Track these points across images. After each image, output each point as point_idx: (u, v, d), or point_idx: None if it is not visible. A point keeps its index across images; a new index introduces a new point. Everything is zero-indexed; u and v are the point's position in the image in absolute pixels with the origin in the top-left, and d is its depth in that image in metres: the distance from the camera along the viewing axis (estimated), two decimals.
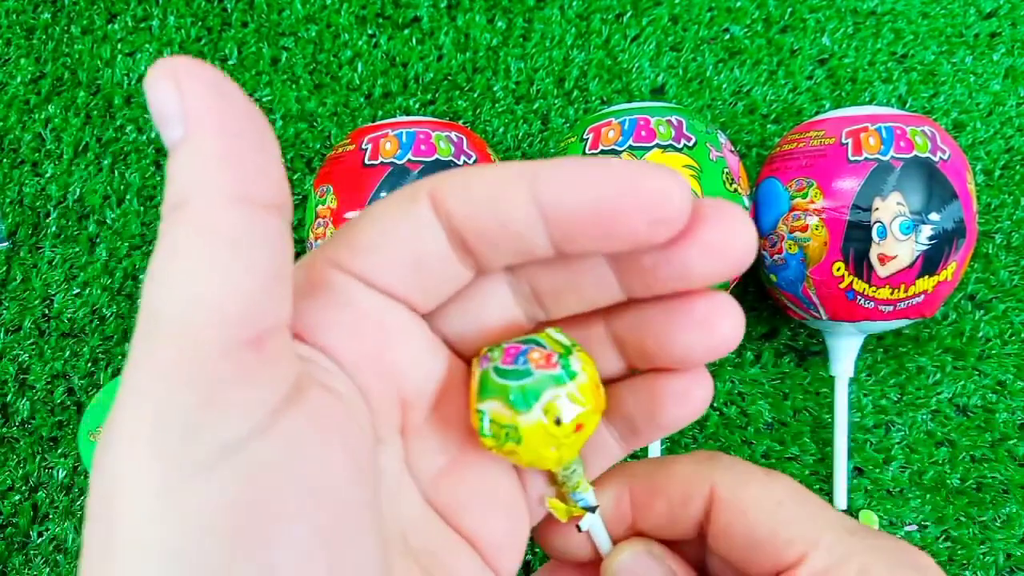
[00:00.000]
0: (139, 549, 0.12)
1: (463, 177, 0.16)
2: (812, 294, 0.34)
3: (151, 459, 0.12)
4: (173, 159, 0.13)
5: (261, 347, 0.13)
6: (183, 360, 0.12)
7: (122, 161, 0.41)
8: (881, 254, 0.32)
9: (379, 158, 0.32)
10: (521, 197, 0.15)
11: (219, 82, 0.13)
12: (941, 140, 0.33)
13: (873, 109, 0.34)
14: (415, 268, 0.16)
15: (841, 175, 0.33)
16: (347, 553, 0.13)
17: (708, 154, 0.33)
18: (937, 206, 0.32)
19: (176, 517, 0.12)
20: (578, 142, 0.34)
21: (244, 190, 0.13)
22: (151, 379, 0.12)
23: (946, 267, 0.33)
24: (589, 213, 0.15)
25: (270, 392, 0.13)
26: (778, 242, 0.34)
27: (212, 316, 0.12)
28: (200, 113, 0.12)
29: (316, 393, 0.14)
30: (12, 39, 0.43)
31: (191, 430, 0.12)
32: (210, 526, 0.12)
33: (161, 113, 0.12)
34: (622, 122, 0.33)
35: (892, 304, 0.33)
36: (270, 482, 0.12)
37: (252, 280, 0.12)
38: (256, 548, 0.12)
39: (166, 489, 0.12)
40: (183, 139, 0.12)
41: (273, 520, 0.12)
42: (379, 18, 0.43)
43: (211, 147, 0.12)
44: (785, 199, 0.34)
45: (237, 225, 0.12)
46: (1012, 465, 0.39)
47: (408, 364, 0.17)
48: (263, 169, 0.13)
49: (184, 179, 0.12)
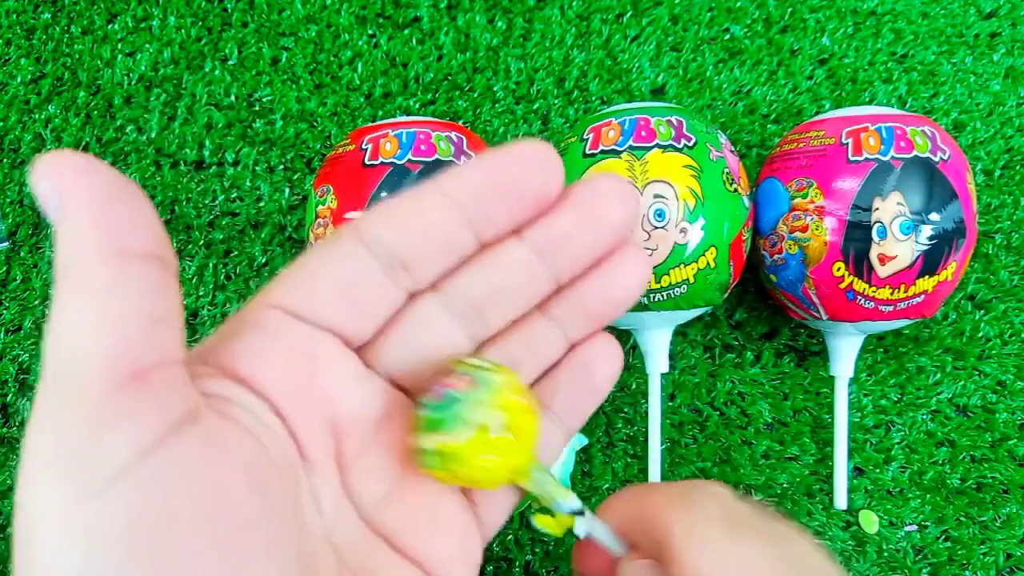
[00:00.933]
0: (52, 568, 0.13)
1: (382, 207, 0.18)
2: (812, 294, 0.34)
3: (54, 488, 0.13)
4: (58, 238, 0.14)
5: (146, 381, 0.14)
6: (71, 404, 0.14)
7: (122, 161, 0.41)
8: (881, 254, 0.32)
9: (379, 158, 0.32)
10: (435, 200, 0.18)
11: (88, 164, 0.14)
12: (941, 140, 0.33)
13: (873, 109, 0.34)
14: (345, 293, 0.18)
15: (841, 175, 0.33)
16: (247, 563, 0.15)
17: (708, 154, 0.33)
18: (937, 206, 0.32)
19: (80, 537, 0.13)
20: (578, 142, 0.34)
21: (116, 246, 0.14)
22: (49, 423, 0.14)
23: (946, 267, 0.33)
24: (493, 188, 0.18)
25: (156, 421, 0.14)
26: (778, 242, 0.34)
27: (92, 361, 0.14)
28: (73, 193, 0.14)
29: (213, 420, 0.15)
30: (12, 39, 0.43)
31: (83, 461, 0.13)
32: (110, 542, 0.13)
33: (46, 205, 0.14)
34: (622, 122, 0.33)
35: (892, 304, 0.33)
36: (159, 501, 0.14)
37: (128, 324, 0.14)
38: (152, 559, 0.13)
39: (68, 513, 0.13)
40: (62, 219, 0.14)
41: (166, 533, 0.14)
42: (379, 18, 0.43)
43: (83, 217, 0.14)
44: (785, 199, 0.34)
45: (109, 277, 0.14)
46: (1012, 465, 0.39)
47: (338, 391, 0.18)
48: (134, 225, 0.15)
49: (65, 250, 0.14)
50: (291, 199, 0.41)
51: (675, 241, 0.32)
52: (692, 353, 0.39)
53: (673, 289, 0.33)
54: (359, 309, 0.18)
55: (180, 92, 0.42)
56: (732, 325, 0.40)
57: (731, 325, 0.40)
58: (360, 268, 0.18)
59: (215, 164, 0.41)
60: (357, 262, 0.18)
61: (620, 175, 0.21)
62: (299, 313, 0.18)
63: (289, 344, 0.17)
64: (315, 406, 0.18)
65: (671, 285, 0.32)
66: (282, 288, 0.18)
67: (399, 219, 0.18)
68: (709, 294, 0.34)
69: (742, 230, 0.34)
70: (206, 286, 0.40)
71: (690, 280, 0.33)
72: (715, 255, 0.33)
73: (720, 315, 0.40)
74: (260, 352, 0.17)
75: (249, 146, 0.41)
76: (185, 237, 0.40)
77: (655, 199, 0.32)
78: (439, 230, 0.18)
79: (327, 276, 0.18)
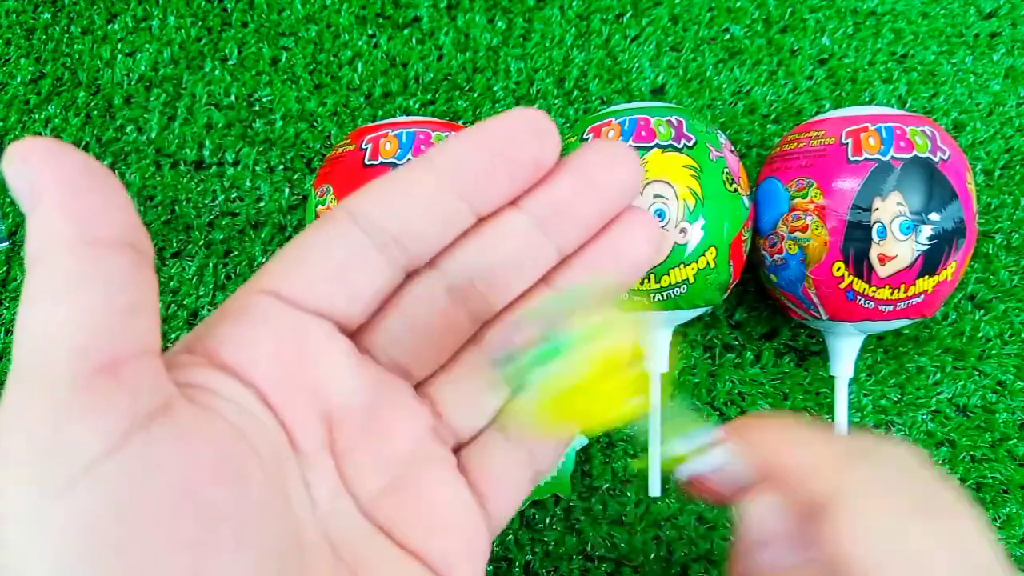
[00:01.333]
0: (26, 567, 0.13)
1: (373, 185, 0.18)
2: (812, 294, 0.34)
3: (25, 485, 0.13)
4: (27, 226, 0.14)
5: (115, 373, 0.14)
6: (37, 396, 0.13)
7: (122, 161, 0.41)
8: (881, 254, 0.32)
9: (379, 158, 0.32)
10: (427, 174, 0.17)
11: (57, 149, 0.14)
12: (941, 140, 0.33)
13: (873, 109, 0.34)
14: (338, 276, 0.17)
15: (841, 175, 0.33)
16: (219, 555, 0.14)
17: (708, 154, 0.33)
18: (937, 206, 0.32)
19: (53, 533, 0.13)
20: (578, 142, 0.34)
21: (87, 234, 0.14)
22: (15, 419, 0.13)
23: (946, 267, 0.33)
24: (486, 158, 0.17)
25: (125, 414, 0.14)
26: (778, 242, 0.34)
27: (59, 352, 0.13)
28: (43, 180, 0.14)
29: (186, 412, 0.15)
30: (12, 39, 0.43)
31: (50, 456, 0.13)
32: (80, 541, 0.13)
33: (17, 192, 0.14)
34: (622, 122, 0.33)
35: (892, 304, 0.33)
36: (126, 497, 0.13)
37: (98, 314, 0.14)
38: (122, 557, 0.13)
39: (39, 510, 0.13)
40: (33, 206, 0.14)
41: (133, 530, 0.13)
42: (379, 18, 0.43)
43: (52, 204, 0.14)
44: (785, 199, 0.34)
45: (78, 266, 0.14)
46: (1012, 465, 0.39)
47: (331, 380, 0.17)
48: (106, 212, 0.14)
49: (34, 238, 0.14)
50: (291, 199, 0.41)
51: (675, 241, 0.32)
52: (692, 353, 0.39)
53: (673, 289, 0.33)
54: (353, 291, 0.18)
55: (180, 92, 0.42)
56: (732, 325, 0.40)
57: (731, 325, 0.40)
58: (353, 248, 0.17)
59: (215, 164, 0.41)
60: (349, 242, 0.17)
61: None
62: (290, 298, 0.17)
63: (278, 330, 0.17)
64: (306, 394, 0.17)
65: (671, 285, 0.32)
66: (272, 272, 0.17)
67: (391, 196, 0.17)
68: (709, 294, 0.34)
69: (742, 230, 0.34)
70: (206, 286, 0.40)
71: (690, 280, 0.33)
72: (715, 255, 0.33)
73: (720, 315, 0.40)
74: (247, 339, 0.17)
75: (249, 146, 0.41)
76: (185, 237, 0.40)
77: (655, 199, 0.32)
78: (433, 205, 0.18)
79: (319, 258, 0.17)
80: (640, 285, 0.32)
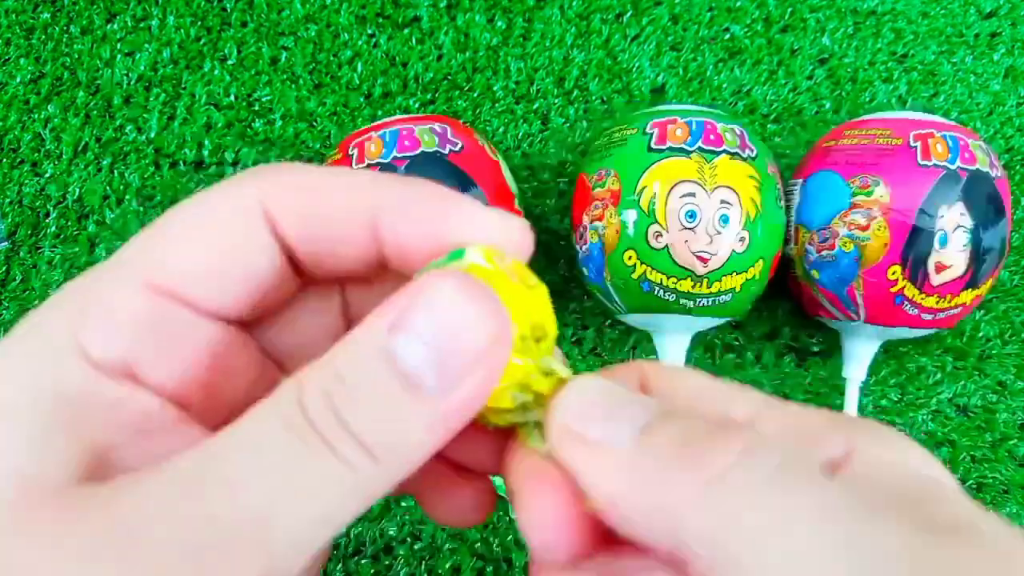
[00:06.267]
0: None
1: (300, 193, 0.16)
2: (858, 295, 0.33)
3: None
4: None
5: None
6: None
7: (121, 161, 0.41)
8: (939, 262, 0.32)
9: (365, 160, 0.33)
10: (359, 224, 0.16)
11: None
12: (994, 158, 0.33)
13: (931, 117, 0.34)
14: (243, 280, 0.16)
15: (911, 178, 0.32)
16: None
17: (767, 167, 0.33)
18: (992, 221, 0.32)
19: None
20: (640, 135, 0.33)
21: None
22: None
23: (985, 282, 0.33)
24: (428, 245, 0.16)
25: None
26: (831, 238, 0.33)
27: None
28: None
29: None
30: (12, 39, 0.43)
31: None
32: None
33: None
34: (689, 123, 0.33)
35: (933, 313, 0.33)
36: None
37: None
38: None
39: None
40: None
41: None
42: (379, 18, 0.43)
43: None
44: (846, 194, 0.33)
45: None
46: (1012, 465, 0.38)
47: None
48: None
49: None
50: None
51: (733, 249, 0.32)
52: (692, 353, 0.39)
53: (720, 296, 0.32)
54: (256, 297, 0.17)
55: (179, 92, 0.42)
56: (732, 325, 0.40)
57: (731, 325, 0.40)
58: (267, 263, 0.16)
59: (214, 164, 0.41)
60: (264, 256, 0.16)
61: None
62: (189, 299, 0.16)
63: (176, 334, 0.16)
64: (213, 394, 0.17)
65: (720, 292, 0.32)
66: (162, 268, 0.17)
67: (318, 227, 0.16)
68: (745, 305, 0.33)
69: (781, 247, 0.34)
70: None
71: (736, 289, 0.32)
72: (761, 268, 0.33)
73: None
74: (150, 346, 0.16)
75: (248, 146, 0.41)
76: None
77: (721, 204, 0.31)
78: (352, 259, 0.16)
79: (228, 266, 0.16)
80: (692, 288, 0.32)
